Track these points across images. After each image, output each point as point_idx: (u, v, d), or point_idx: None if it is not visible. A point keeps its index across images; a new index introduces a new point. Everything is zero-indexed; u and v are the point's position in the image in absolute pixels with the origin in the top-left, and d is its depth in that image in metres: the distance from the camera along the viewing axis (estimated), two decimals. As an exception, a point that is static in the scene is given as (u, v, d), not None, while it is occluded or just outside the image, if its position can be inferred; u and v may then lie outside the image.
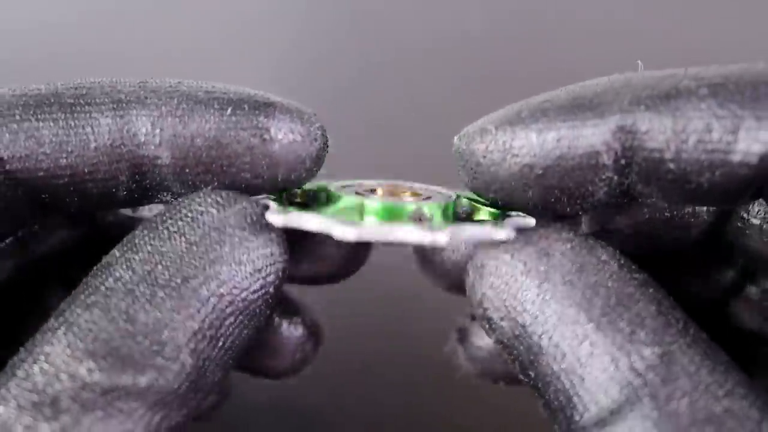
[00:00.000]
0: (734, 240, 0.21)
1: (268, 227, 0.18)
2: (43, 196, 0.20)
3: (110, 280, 0.17)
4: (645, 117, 0.18)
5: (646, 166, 0.18)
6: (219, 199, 0.18)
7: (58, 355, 0.16)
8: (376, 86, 0.37)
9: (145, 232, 0.18)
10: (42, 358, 0.16)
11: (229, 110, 0.19)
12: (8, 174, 0.19)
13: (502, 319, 0.18)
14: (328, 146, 0.20)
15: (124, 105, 0.19)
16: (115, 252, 0.18)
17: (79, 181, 0.20)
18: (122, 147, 0.19)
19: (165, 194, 0.20)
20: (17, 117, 0.19)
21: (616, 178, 0.18)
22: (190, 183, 0.19)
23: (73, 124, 0.19)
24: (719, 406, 0.15)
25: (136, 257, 0.17)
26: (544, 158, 0.18)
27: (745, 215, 0.21)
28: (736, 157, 0.17)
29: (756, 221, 0.20)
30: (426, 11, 0.39)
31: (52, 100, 0.19)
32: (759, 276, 0.22)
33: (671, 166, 0.18)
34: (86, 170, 0.19)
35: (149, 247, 0.17)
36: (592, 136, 0.18)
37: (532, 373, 0.17)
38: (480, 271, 0.18)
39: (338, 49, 0.39)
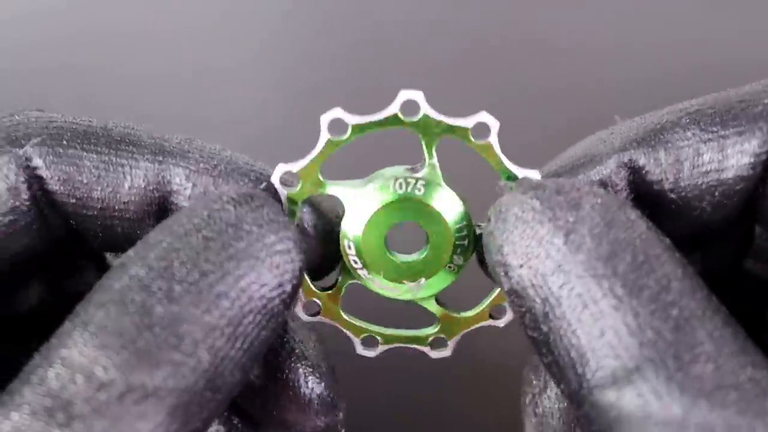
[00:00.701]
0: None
1: (286, 225, 0.18)
2: (72, 222, 0.20)
3: (125, 278, 0.17)
4: (639, 153, 0.19)
5: (650, 200, 0.19)
6: (235, 196, 0.18)
7: (73, 357, 0.16)
8: (375, 84, 0.37)
9: (160, 231, 0.18)
10: (58, 361, 0.16)
11: (264, 185, 0.20)
12: (45, 193, 0.20)
13: (521, 265, 0.17)
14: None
15: (165, 153, 0.20)
16: (130, 252, 0.17)
17: (107, 216, 0.20)
18: (154, 192, 0.20)
19: None
20: (64, 142, 0.20)
21: None
22: None
23: (114, 160, 0.20)
24: (744, 375, 0.15)
25: (152, 254, 0.17)
26: None
27: None
28: (729, 173, 0.19)
29: None
30: (426, 11, 0.39)
31: (100, 134, 0.20)
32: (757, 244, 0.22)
33: (673, 196, 0.19)
34: (116, 207, 0.20)
35: (165, 245, 0.17)
36: (599, 182, 0.20)
37: (544, 327, 0.17)
38: (504, 215, 0.18)
39: (338, 48, 0.40)
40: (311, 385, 0.21)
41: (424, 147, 0.20)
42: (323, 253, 0.22)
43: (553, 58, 0.39)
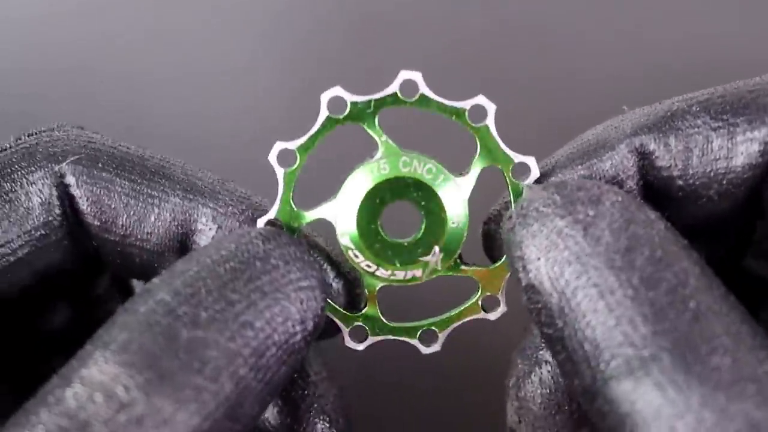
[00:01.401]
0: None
1: (311, 264, 0.18)
2: (94, 243, 0.21)
3: (151, 302, 0.17)
4: (650, 138, 0.19)
5: (658, 186, 0.20)
6: (263, 232, 0.19)
7: (93, 375, 0.15)
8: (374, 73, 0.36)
9: (188, 260, 0.18)
10: (77, 380, 0.15)
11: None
12: (75, 212, 0.20)
13: (539, 258, 0.17)
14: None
15: (197, 191, 0.21)
16: (155, 279, 0.17)
17: (127, 244, 0.21)
18: (179, 228, 0.20)
19: None
20: (99, 164, 0.20)
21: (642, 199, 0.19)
22: None
23: (145, 190, 0.20)
24: (762, 369, 0.15)
25: (178, 281, 0.17)
26: None
27: None
28: (738, 161, 0.19)
29: None
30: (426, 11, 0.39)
31: (136, 162, 0.21)
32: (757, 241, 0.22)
33: (680, 182, 0.19)
34: (138, 236, 0.20)
35: (192, 273, 0.17)
36: (611, 168, 0.20)
37: (559, 321, 0.17)
38: (525, 210, 0.18)
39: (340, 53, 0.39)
40: None
41: (369, 131, 0.20)
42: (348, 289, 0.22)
43: (555, 48, 0.39)
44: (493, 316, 0.21)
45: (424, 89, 0.20)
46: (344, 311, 0.21)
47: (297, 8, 0.39)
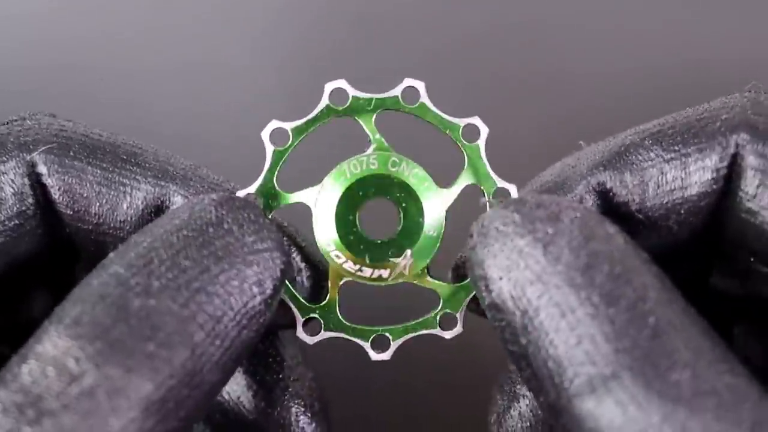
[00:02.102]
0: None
1: (267, 226, 0.18)
2: (68, 231, 0.21)
3: (104, 275, 0.17)
4: (606, 176, 0.20)
5: (619, 220, 0.19)
6: (216, 198, 0.18)
7: (47, 350, 0.15)
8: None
9: (142, 233, 0.18)
10: (32, 356, 0.15)
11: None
12: (48, 201, 0.20)
13: (501, 278, 0.17)
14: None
15: (168, 177, 0.21)
16: (111, 254, 0.18)
17: (101, 232, 0.21)
18: (152, 216, 0.20)
19: None
20: (71, 153, 0.20)
21: None
22: None
23: (116, 178, 0.20)
24: (721, 382, 0.15)
25: (131, 254, 0.17)
26: None
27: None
28: (693, 190, 0.20)
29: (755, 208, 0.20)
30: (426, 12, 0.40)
31: (108, 150, 0.21)
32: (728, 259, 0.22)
33: (640, 216, 0.20)
34: (111, 224, 0.20)
35: (145, 244, 0.17)
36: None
37: (522, 339, 0.17)
38: (485, 229, 0.18)
39: (340, 52, 0.40)
40: (302, 424, 0.21)
41: (365, 127, 0.21)
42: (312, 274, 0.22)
43: (555, 48, 0.39)
44: (448, 335, 0.21)
45: (425, 98, 0.21)
46: (303, 299, 0.21)
47: (296, 6, 0.40)
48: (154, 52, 0.40)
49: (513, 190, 0.21)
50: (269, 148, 0.20)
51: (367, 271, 0.21)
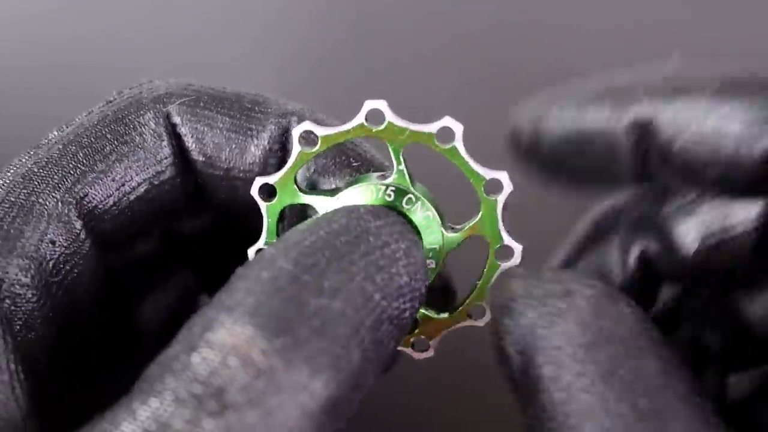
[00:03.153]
0: None
1: (415, 240, 0.19)
2: (200, 180, 0.22)
3: (273, 268, 0.16)
4: (660, 109, 0.19)
5: (658, 155, 0.19)
6: (373, 209, 0.19)
7: (223, 339, 0.14)
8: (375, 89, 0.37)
9: (299, 231, 0.17)
10: (203, 344, 0.14)
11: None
12: (182, 149, 0.22)
13: (515, 351, 0.18)
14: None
15: (288, 114, 0.22)
16: (269, 249, 0.17)
17: (232, 177, 0.22)
18: (277, 153, 0.22)
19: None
20: (201, 104, 0.21)
21: (634, 159, 0.20)
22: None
23: (244, 124, 0.21)
24: None
25: (295, 251, 0.17)
26: (571, 131, 0.20)
27: None
28: (747, 151, 0.18)
29: None
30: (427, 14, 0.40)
31: (234, 100, 0.22)
32: None
33: (682, 157, 0.19)
34: (241, 167, 0.22)
35: (308, 243, 0.17)
36: (607, 123, 0.20)
37: (530, 410, 0.17)
38: (501, 301, 0.18)
39: (340, 51, 0.40)
40: None
41: (392, 154, 0.20)
42: None
43: (553, 49, 0.40)
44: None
45: (459, 142, 0.20)
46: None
47: (296, 6, 0.40)
48: (154, 52, 0.39)
49: (504, 178, 0.20)
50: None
51: None
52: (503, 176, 0.20)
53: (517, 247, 0.21)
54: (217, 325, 0.15)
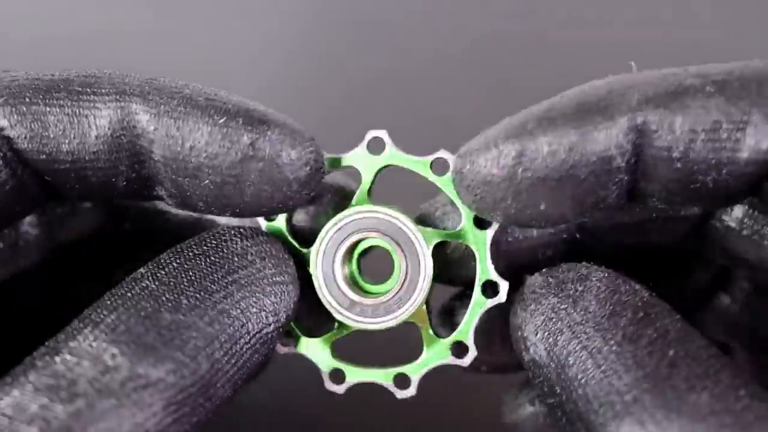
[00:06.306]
0: (713, 241, 0.22)
1: (286, 261, 0.20)
2: (47, 178, 0.20)
3: (137, 288, 0.18)
4: (655, 115, 0.18)
5: (653, 164, 0.18)
6: (243, 230, 0.20)
7: (82, 347, 0.17)
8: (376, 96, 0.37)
9: (172, 253, 0.19)
10: (65, 350, 0.17)
11: (222, 120, 0.19)
12: (15, 153, 0.20)
13: (537, 333, 0.19)
14: (323, 172, 0.20)
15: (127, 97, 0.20)
16: (141, 269, 0.19)
17: (79, 168, 0.20)
18: (122, 138, 0.20)
19: (160, 188, 0.21)
20: (26, 99, 0.20)
21: (626, 178, 0.19)
22: (179, 183, 0.20)
23: (77, 111, 0.20)
24: (739, 403, 0.16)
25: (162, 272, 0.19)
26: (557, 169, 0.18)
27: (725, 217, 0.22)
28: (743, 155, 0.17)
29: (733, 224, 0.22)
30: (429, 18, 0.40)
31: (62, 87, 0.20)
32: (733, 280, 0.24)
33: (679, 165, 0.18)
34: (87, 157, 0.20)
35: (175, 264, 0.19)
36: (606, 140, 0.18)
37: (557, 388, 0.18)
38: (524, 295, 0.20)
39: (341, 55, 0.40)
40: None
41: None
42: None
43: (553, 50, 0.40)
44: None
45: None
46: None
47: (296, 6, 0.40)
48: (155, 52, 0.40)
49: (504, 286, 0.21)
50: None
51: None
52: (444, 154, 0.21)
53: (504, 284, 0.21)
54: (81, 337, 0.17)
